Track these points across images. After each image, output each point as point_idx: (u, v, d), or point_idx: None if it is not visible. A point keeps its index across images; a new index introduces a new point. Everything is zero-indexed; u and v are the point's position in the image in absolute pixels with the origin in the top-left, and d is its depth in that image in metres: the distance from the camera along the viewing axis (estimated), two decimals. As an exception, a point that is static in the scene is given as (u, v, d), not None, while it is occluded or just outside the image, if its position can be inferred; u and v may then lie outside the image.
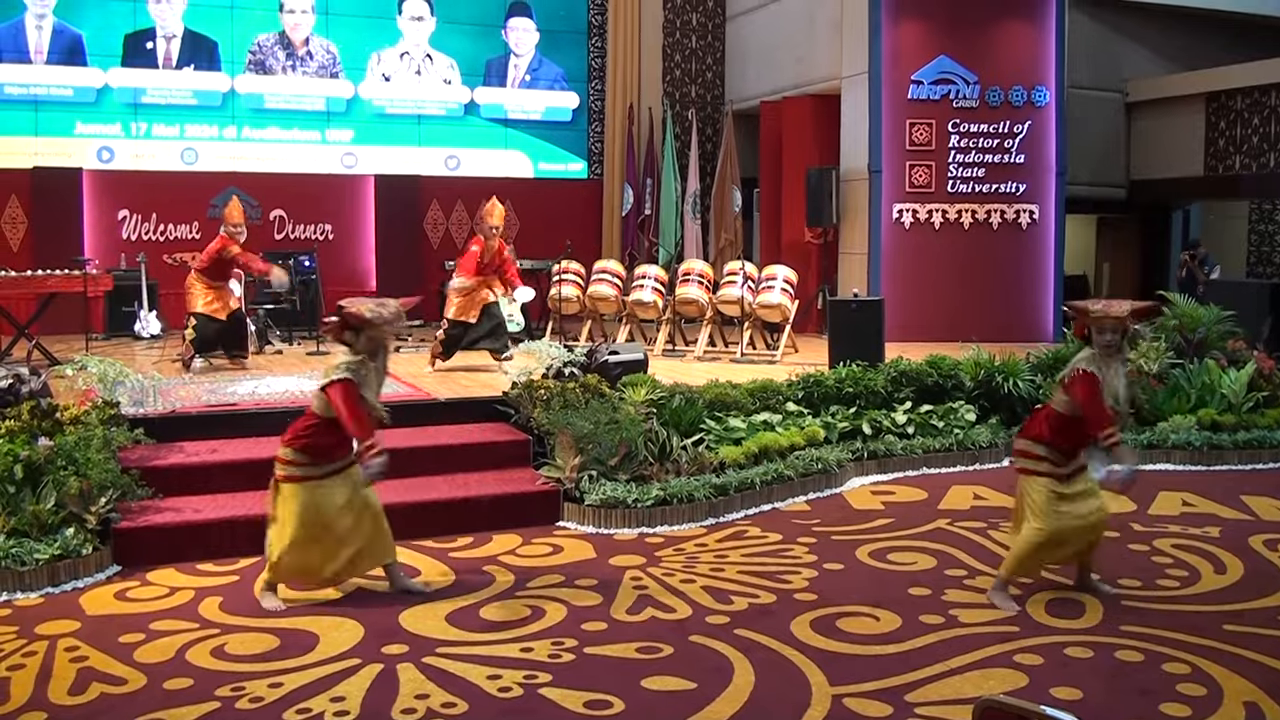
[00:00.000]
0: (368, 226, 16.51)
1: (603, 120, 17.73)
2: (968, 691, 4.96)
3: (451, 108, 16.97)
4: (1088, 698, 4.96)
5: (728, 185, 16.61)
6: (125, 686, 5.12)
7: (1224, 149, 16.23)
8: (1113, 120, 17.01)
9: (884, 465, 9.42)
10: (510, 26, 17.27)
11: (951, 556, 7.09)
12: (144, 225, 15.40)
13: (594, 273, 13.54)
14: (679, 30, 18.19)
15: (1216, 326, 11.12)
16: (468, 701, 4.94)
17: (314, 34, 16.22)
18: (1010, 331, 13.76)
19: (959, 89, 14.43)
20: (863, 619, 5.97)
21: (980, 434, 9.90)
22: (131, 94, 15.36)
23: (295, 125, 16.16)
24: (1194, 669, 5.25)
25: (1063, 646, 5.55)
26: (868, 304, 11.35)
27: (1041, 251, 14.65)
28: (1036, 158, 14.60)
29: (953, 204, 14.46)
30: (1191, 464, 9.71)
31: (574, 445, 8.18)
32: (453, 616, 6.04)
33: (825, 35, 15.56)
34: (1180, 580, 6.63)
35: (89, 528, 6.83)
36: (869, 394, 9.97)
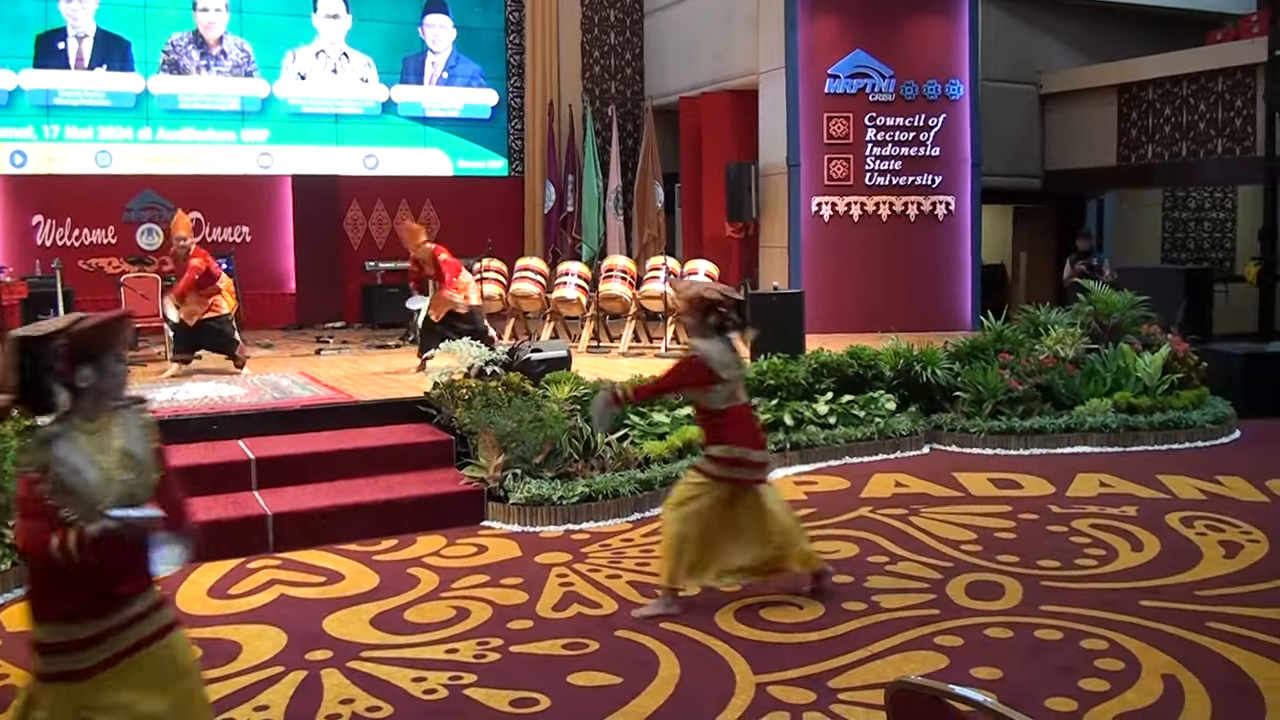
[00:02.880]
0: (286, 228, 16.33)
1: (522, 117, 17.67)
2: (889, 675, 5.02)
3: (369, 106, 16.82)
4: (1008, 676, 5.04)
5: (649, 181, 16.63)
6: (42, 699, 5.03)
7: (1136, 139, 16.51)
8: (1027, 112, 17.24)
9: (806, 456, 9.49)
10: (427, 24, 17.14)
11: (874, 544, 7.17)
12: (59, 230, 15.11)
13: (516, 270, 13.49)
14: (597, 26, 18.17)
15: (1130, 312, 11.32)
16: (392, 704, 4.92)
17: (228, 32, 15.99)
18: (929, 321, 13.90)
19: (875, 83, 14.54)
20: (786, 608, 6.02)
21: (900, 423, 10.01)
22: (44, 96, 15.05)
23: (210, 126, 15.92)
24: (1112, 645, 5.36)
25: (983, 628, 5.63)
26: (788, 297, 11.41)
27: (959, 242, 14.82)
28: (952, 150, 14.76)
29: (870, 196, 14.58)
30: (1108, 446, 9.90)
31: (497, 444, 8.16)
32: (377, 620, 6.01)
33: (742, 31, 15.61)
34: (1098, 559, 6.76)
35: (6, 542, 6.71)
36: (790, 385, 10.03)
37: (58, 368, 3.42)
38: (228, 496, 7.73)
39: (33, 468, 3.39)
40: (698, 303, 6.18)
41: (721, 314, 6.12)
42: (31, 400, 3.45)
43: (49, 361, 3.43)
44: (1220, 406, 10.67)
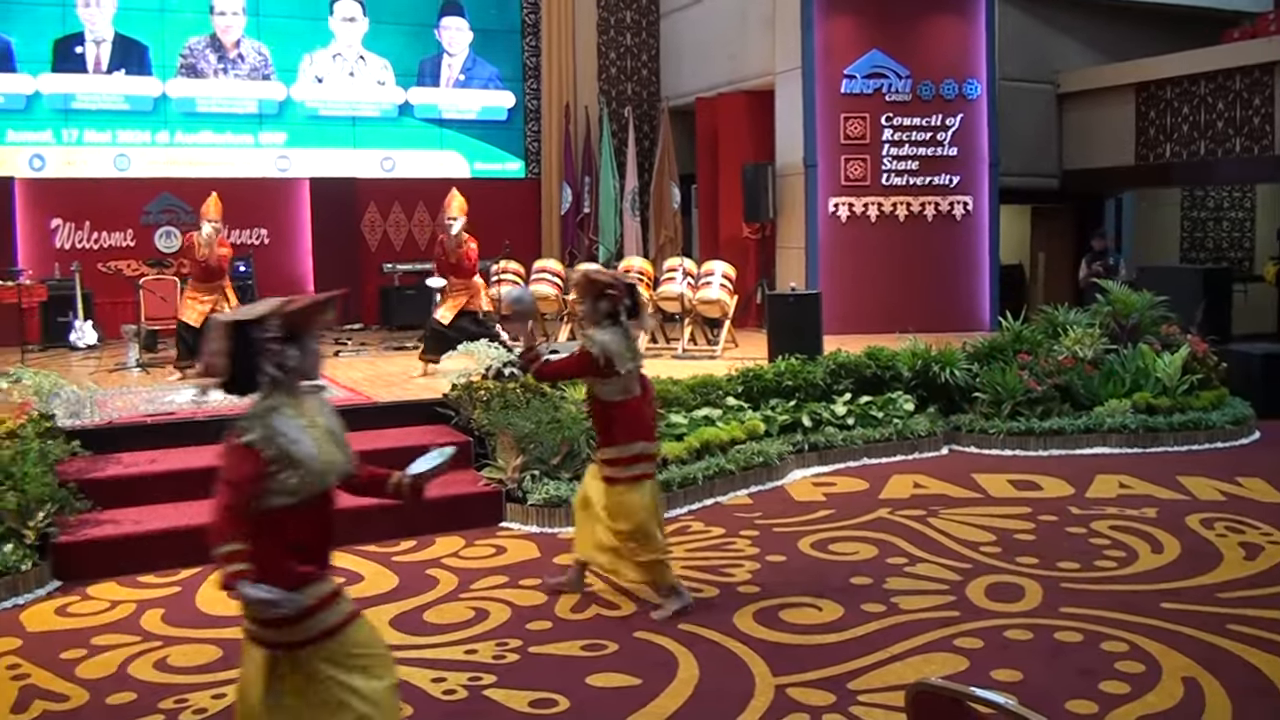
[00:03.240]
0: (304, 230, 16.37)
1: (539, 119, 17.68)
2: (909, 677, 5.01)
3: (386, 109, 16.85)
4: (1028, 679, 5.04)
5: (666, 182, 16.62)
6: (68, 703, 5.07)
7: (1154, 138, 16.45)
8: (1044, 111, 17.19)
9: (824, 457, 9.49)
10: (443, 26, 17.17)
11: (892, 545, 7.17)
12: (78, 233, 15.18)
13: (534, 272, 13.52)
14: (613, 28, 18.18)
15: (1150, 312, 11.29)
16: (412, 705, 4.93)
17: (245, 36, 16.04)
18: (947, 322, 13.87)
19: (891, 83, 14.53)
20: (805, 609, 6.02)
21: (919, 423, 10.00)
22: (62, 100, 15.12)
23: (228, 129, 15.97)
24: (1133, 647, 5.35)
25: (1002, 630, 5.63)
26: (805, 298, 11.42)
27: (976, 242, 14.79)
28: (969, 150, 14.74)
29: (887, 197, 14.56)
30: (1127, 447, 9.88)
31: (515, 445, 8.18)
32: (396, 620, 6.03)
33: (758, 31, 15.61)
34: (1118, 561, 6.75)
35: (27, 543, 6.75)
36: (808, 387, 10.03)
37: (270, 349, 3.59)
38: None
39: (258, 441, 3.51)
40: (586, 286, 6.05)
41: (613, 300, 5.99)
42: (240, 381, 3.62)
43: (261, 343, 3.58)
44: (1240, 407, 10.63)
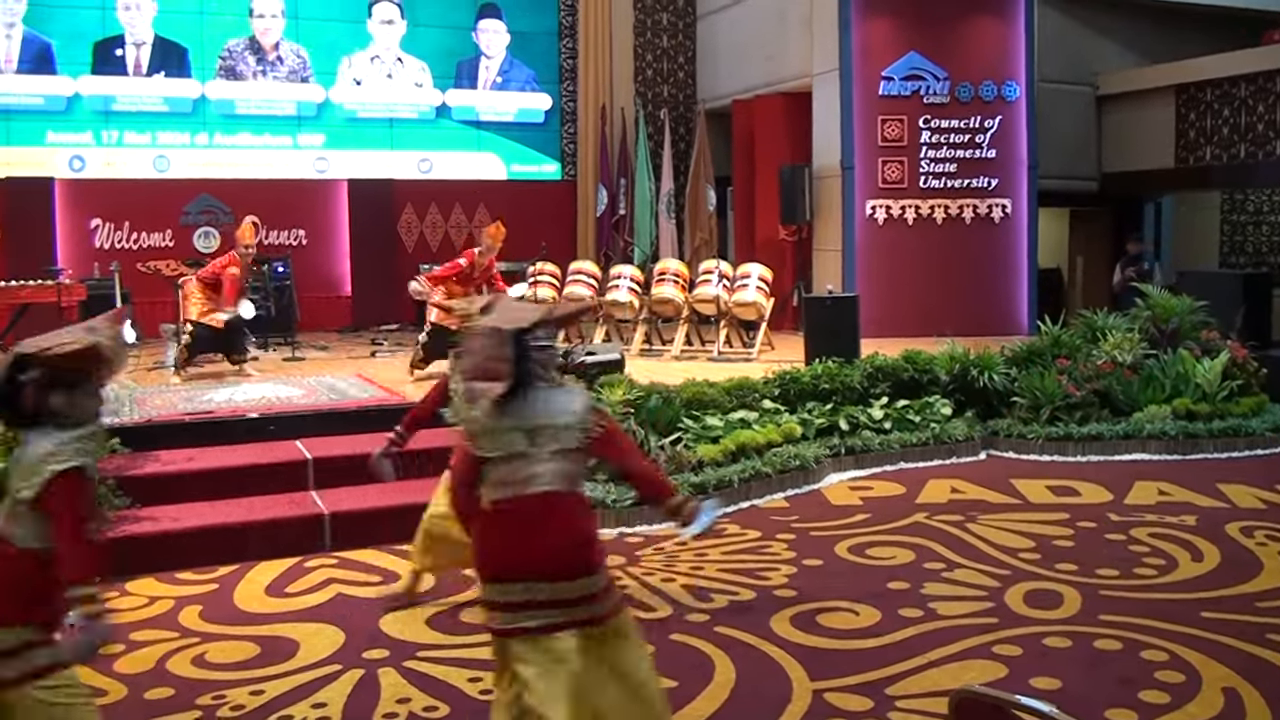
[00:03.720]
0: (341, 231, 16.45)
1: (575, 121, 17.71)
2: (947, 684, 4.99)
3: (423, 110, 16.92)
4: (1067, 687, 4.99)
5: (701, 184, 16.61)
6: (106, 698, 5.10)
7: (1194, 140, 16.30)
8: (1083, 114, 17.06)
9: (861, 461, 9.44)
10: (481, 28, 17.22)
11: (930, 550, 7.13)
12: (117, 234, 15.30)
13: (569, 274, 13.52)
14: (650, 30, 18.19)
15: (1189, 317, 11.18)
16: (449, 704, 4.95)
17: (284, 38, 16.15)
18: (985, 325, 13.79)
19: (929, 85, 14.47)
20: (842, 614, 5.99)
21: (956, 428, 9.94)
22: (102, 102, 15.26)
23: (267, 131, 16.09)
24: (1172, 656, 5.29)
25: (1041, 637, 5.58)
26: (842, 300, 11.38)
27: (1015, 245, 14.71)
28: (1008, 152, 14.66)
29: (925, 199, 14.50)
30: (1167, 453, 9.77)
31: (550, 447, 8.16)
32: (433, 620, 6.04)
33: (796, 33, 15.58)
34: (1158, 569, 6.68)
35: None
36: (845, 390, 9.99)
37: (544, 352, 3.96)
38: (285, 496, 7.83)
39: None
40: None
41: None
42: (521, 384, 3.88)
43: (535, 347, 3.91)
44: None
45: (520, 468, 3.92)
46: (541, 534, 3.89)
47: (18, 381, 3.62)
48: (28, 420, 3.65)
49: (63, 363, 3.63)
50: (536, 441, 3.93)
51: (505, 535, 3.93)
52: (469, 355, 3.97)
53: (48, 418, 3.63)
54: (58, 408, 3.63)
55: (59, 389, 3.64)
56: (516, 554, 3.89)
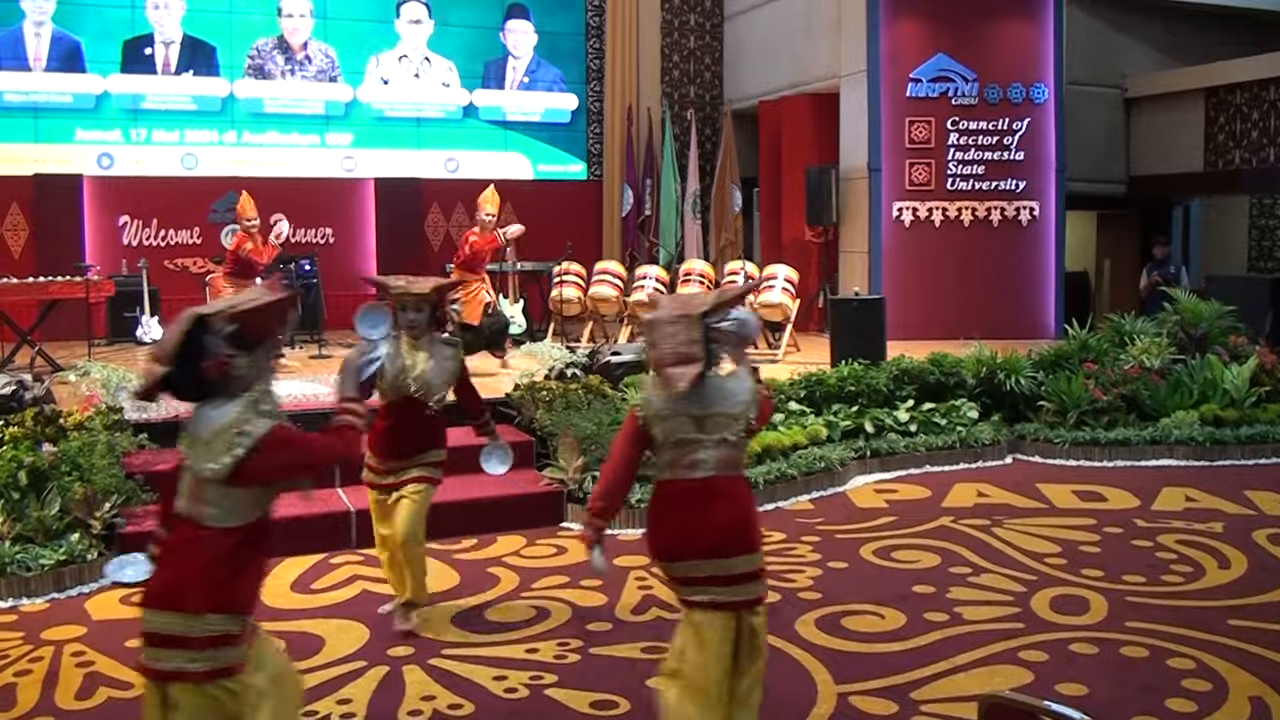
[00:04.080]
0: (368, 230, 16.49)
1: (602, 121, 17.72)
2: (973, 689, 4.97)
3: (450, 110, 16.97)
4: (1093, 694, 4.97)
5: (727, 185, 16.59)
6: (132, 691, 5.12)
7: (1223, 144, 16.21)
8: (1111, 116, 17.00)
9: (886, 463, 9.42)
10: (508, 29, 17.25)
11: (955, 554, 7.10)
12: (145, 231, 15.38)
13: (595, 274, 13.54)
14: (677, 30, 18.19)
15: (1218, 322, 11.12)
16: (474, 702, 4.96)
17: (312, 38, 16.21)
18: (1012, 328, 13.75)
19: (957, 87, 14.42)
20: (867, 617, 5.98)
21: (983, 431, 9.90)
22: (131, 100, 15.35)
23: (294, 129, 16.16)
24: (1199, 664, 5.26)
25: (1068, 643, 5.56)
26: (869, 302, 11.36)
27: (1042, 248, 14.65)
28: (1036, 155, 14.60)
29: (953, 202, 14.45)
30: (1194, 459, 9.70)
31: (577, 446, 8.19)
32: (458, 618, 6.05)
33: (823, 34, 15.55)
34: (1185, 576, 6.64)
35: (94, 533, 6.86)
36: (871, 392, 9.97)
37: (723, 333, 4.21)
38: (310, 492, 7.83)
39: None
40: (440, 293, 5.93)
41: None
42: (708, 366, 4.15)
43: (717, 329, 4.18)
44: (1309, 421, 10.43)
45: (687, 452, 4.16)
46: (704, 516, 4.12)
47: (202, 344, 3.40)
48: (201, 390, 3.45)
49: (254, 319, 3.48)
50: (705, 428, 4.16)
51: (671, 516, 4.18)
52: (659, 343, 4.16)
53: (220, 385, 3.45)
54: (241, 370, 3.45)
55: (244, 350, 3.46)
56: (681, 534, 4.14)
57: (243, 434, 3.37)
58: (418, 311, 5.77)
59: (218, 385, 3.43)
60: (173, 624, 3.34)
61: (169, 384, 3.42)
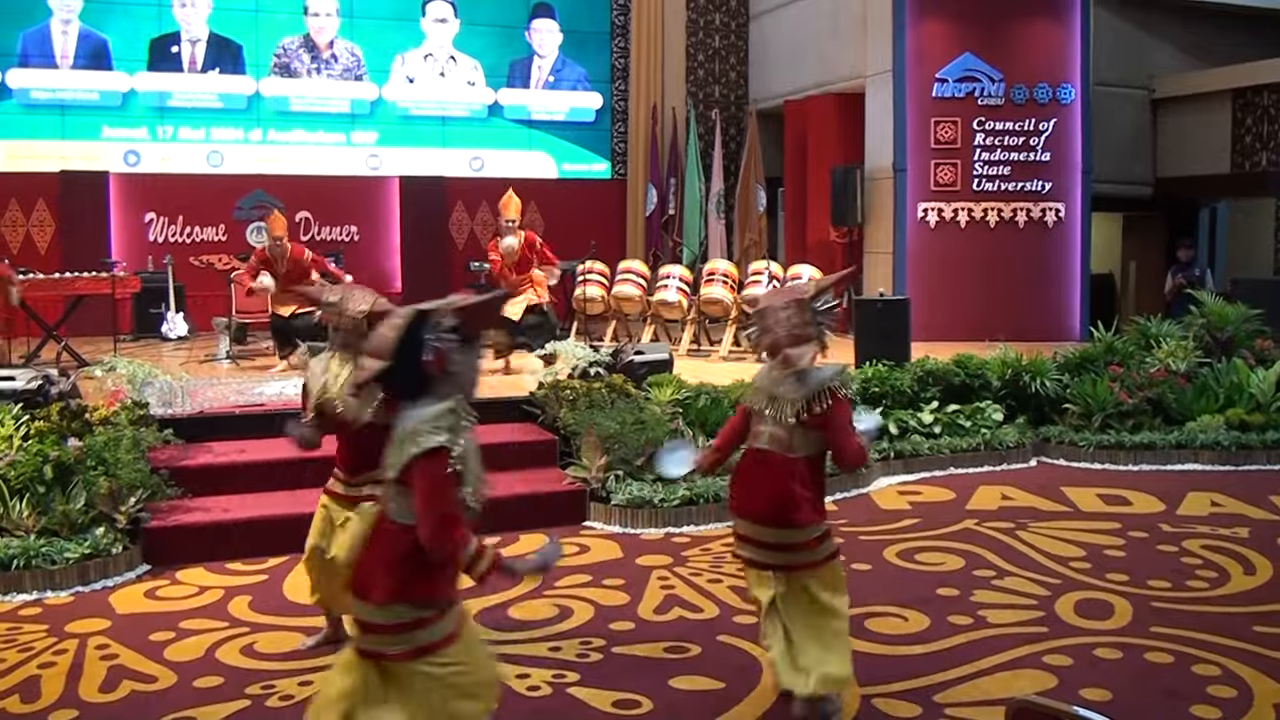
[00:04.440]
0: (393, 228, 16.55)
1: (626, 120, 17.73)
2: (996, 692, 4.95)
3: (475, 109, 17.01)
4: (1117, 699, 4.94)
5: (752, 184, 16.58)
6: (156, 684, 5.16)
7: (1250, 145, 16.11)
8: (1138, 117, 16.91)
9: (910, 465, 9.39)
10: (533, 28, 17.29)
11: (979, 557, 7.07)
12: (170, 228, 15.47)
13: (618, 273, 13.54)
14: (702, 30, 18.18)
15: (1244, 325, 11.04)
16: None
17: (338, 37, 16.27)
18: (1037, 330, 13.70)
19: (984, 87, 14.37)
20: (891, 619, 5.95)
21: (1008, 434, 9.86)
22: (157, 98, 15.44)
23: (320, 128, 16.22)
24: (1224, 671, 5.22)
25: (1092, 648, 5.52)
26: (893, 303, 11.32)
27: (1068, 250, 14.59)
28: (1062, 155, 14.54)
29: (978, 202, 14.41)
30: (1220, 464, 9.63)
31: (600, 445, 8.19)
32: (481, 616, 6.04)
33: (849, 34, 15.52)
34: (1210, 581, 6.59)
35: (119, 527, 6.89)
36: (895, 393, 9.93)
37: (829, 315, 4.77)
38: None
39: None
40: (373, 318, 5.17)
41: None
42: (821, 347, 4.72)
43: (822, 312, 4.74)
44: (1336, 425, 10.35)
45: (755, 424, 4.75)
46: (755, 484, 4.68)
47: (422, 340, 3.47)
48: (419, 386, 3.50)
49: (473, 315, 3.56)
50: (772, 406, 4.64)
51: (738, 478, 4.81)
52: (774, 328, 4.66)
53: (436, 383, 3.51)
54: (457, 366, 3.51)
55: (463, 345, 3.53)
56: (740, 496, 4.78)
57: (417, 443, 3.42)
58: (350, 332, 5.32)
59: (434, 382, 3.49)
60: (365, 613, 3.53)
61: (386, 379, 3.52)
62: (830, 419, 4.56)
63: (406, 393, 3.50)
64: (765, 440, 4.65)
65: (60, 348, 11.76)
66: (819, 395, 4.54)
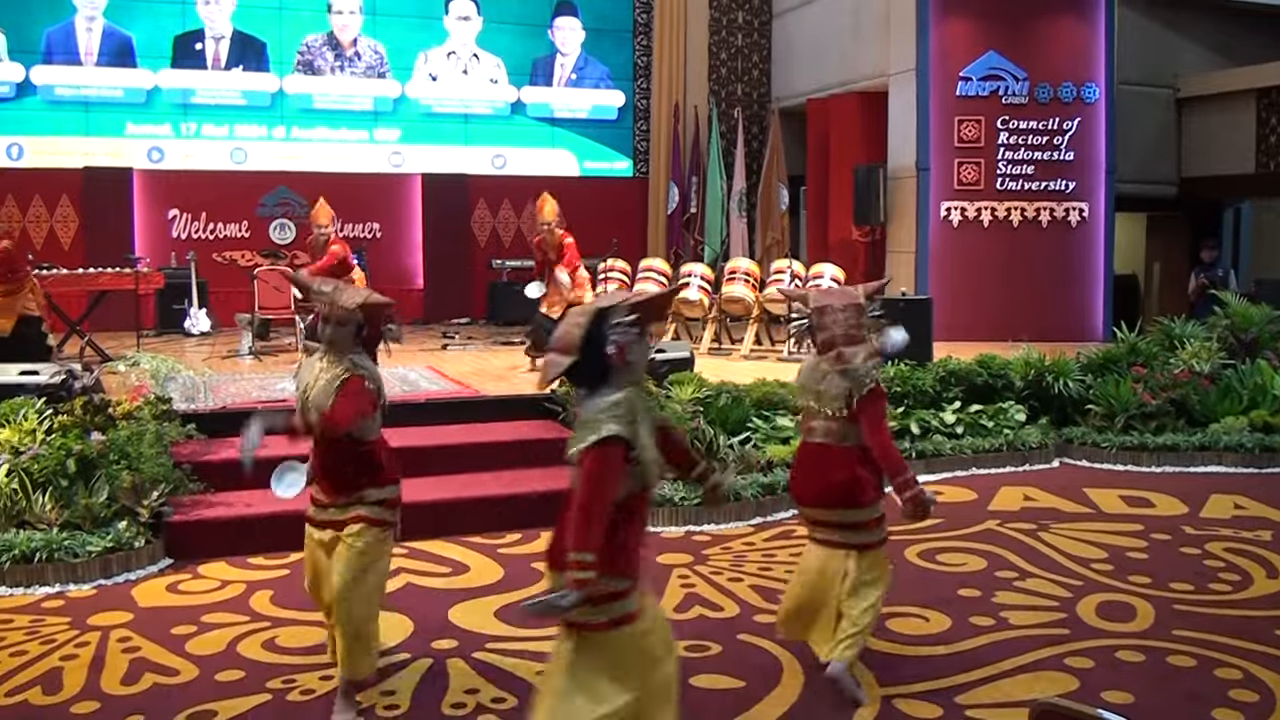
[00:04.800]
0: (415, 225, 16.59)
1: (648, 119, 17.73)
2: (1018, 694, 4.93)
3: (498, 107, 17.03)
4: (1139, 702, 4.91)
5: (774, 183, 16.55)
6: (177, 677, 5.18)
7: (1275, 145, 16.00)
8: (1163, 117, 16.81)
9: (932, 465, 9.35)
10: (556, 26, 17.30)
11: (1001, 558, 7.04)
12: (194, 224, 15.54)
13: (640, 271, 13.52)
14: (725, 28, 18.16)
15: (1268, 326, 10.97)
16: (517, 696, 4.96)
17: (362, 34, 16.32)
18: (1059, 331, 13.64)
19: (1008, 85, 14.32)
20: (912, 620, 5.93)
21: (1030, 434, 9.82)
22: (181, 95, 15.51)
23: (343, 125, 16.26)
24: (1246, 675, 5.19)
25: (1114, 650, 5.49)
26: (916, 303, 11.28)
27: (1091, 250, 14.52)
28: (1086, 155, 14.47)
29: (1001, 202, 14.35)
30: (1243, 466, 9.57)
31: (621, 443, 8.17)
32: (502, 612, 6.06)
33: (872, 32, 15.49)
34: (1232, 584, 6.55)
35: (141, 521, 6.92)
36: (917, 393, 9.90)
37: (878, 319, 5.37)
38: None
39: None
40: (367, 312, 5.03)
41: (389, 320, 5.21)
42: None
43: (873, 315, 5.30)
44: (1361, 427, 10.27)
45: (808, 419, 5.17)
46: (814, 474, 5.12)
47: (603, 335, 3.64)
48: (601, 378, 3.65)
49: (648, 309, 3.74)
50: (821, 401, 5.05)
51: (801, 469, 5.25)
52: (830, 326, 5.06)
53: (616, 373, 3.65)
54: (633, 356, 3.67)
55: (639, 338, 3.70)
56: (804, 484, 5.19)
57: (596, 430, 3.57)
58: (340, 326, 4.95)
59: (614, 373, 3.65)
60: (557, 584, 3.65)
61: (571, 372, 3.68)
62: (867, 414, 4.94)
63: (589, 384, 3.68)
64: (820, 435, 5.06)
65: (84, 343, 11.83)
66: (859, 388, 4.93)
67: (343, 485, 5.03)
